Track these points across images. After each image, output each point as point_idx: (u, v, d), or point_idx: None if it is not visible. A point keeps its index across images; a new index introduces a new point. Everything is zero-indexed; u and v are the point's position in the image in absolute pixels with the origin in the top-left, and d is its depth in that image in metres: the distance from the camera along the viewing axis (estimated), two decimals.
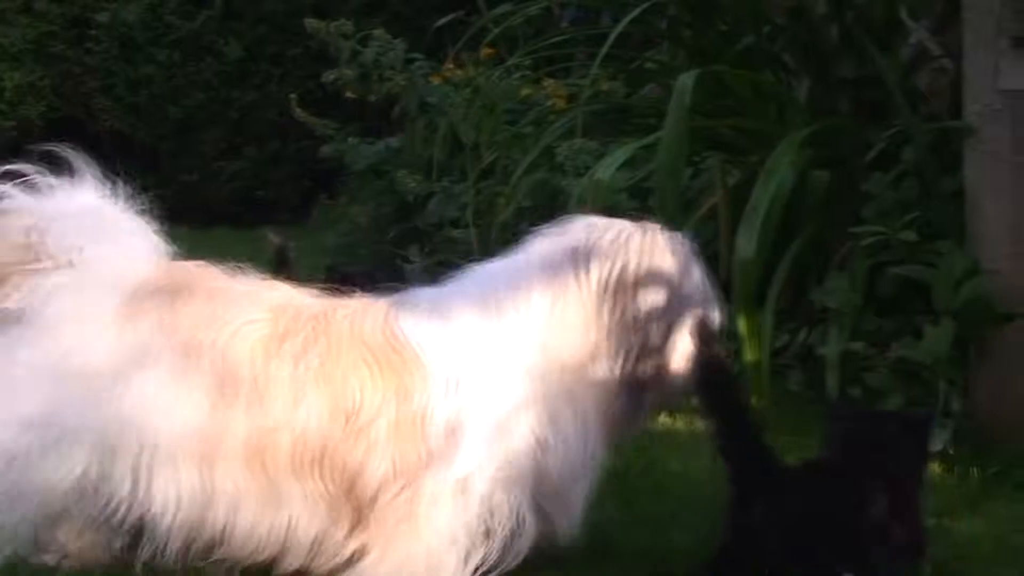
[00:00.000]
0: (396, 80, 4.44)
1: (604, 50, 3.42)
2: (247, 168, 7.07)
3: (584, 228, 2.22)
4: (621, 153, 3.42)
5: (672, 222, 3.25)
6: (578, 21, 5.23)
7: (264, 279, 2.28)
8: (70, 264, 2.15)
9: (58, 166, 2.24)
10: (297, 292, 2.25)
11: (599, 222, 2.25)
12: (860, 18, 3.46)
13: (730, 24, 3.79)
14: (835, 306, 3.22)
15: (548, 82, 4.41)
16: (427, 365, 2.10)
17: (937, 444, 2.89)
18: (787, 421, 2.95)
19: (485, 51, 4.69)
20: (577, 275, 2.16)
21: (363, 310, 2.18)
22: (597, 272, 2.15)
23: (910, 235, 3.16)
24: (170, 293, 2.16)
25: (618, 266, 2.16)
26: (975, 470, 2.87)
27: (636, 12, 3.51)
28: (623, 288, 2.15)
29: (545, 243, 2.22)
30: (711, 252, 3.54)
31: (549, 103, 4.28)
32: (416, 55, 4.55)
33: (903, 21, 3.67)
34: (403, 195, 4.61)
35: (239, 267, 2.30)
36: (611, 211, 3.62)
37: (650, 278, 2.15)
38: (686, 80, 3.18)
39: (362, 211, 4.67)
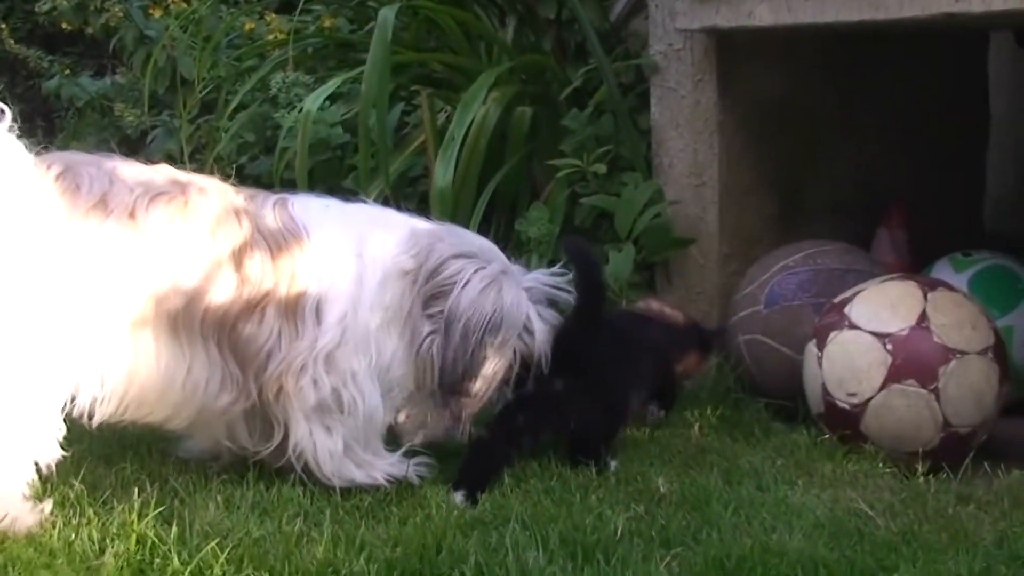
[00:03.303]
0: (113, 12, 4.32)
1: None
2: None
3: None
4: (330, 85, 3.47)
5: (378, 154, 3.38)
6: None
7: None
8: None
9: None
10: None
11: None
12: None
13: None
14: (535, 235, 3.38)
15: (271, 16, 4.39)
16: (311, 249, 2.33)
17: None
18: None
19: None
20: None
21: (259, 197, 2.39)
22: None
23: (601, 168, 3.35)
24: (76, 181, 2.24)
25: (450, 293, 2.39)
26: None
27: None
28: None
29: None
30: (425, 186, 3.67)
31: (271, 37, 4.26)
32: None
33: None
34: (126, 131, 4.52)
35: None
36: (323, 143, 3.70)
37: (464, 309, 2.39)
38: (387, 13, 3.24)
39: (82, 147, 4.54)
